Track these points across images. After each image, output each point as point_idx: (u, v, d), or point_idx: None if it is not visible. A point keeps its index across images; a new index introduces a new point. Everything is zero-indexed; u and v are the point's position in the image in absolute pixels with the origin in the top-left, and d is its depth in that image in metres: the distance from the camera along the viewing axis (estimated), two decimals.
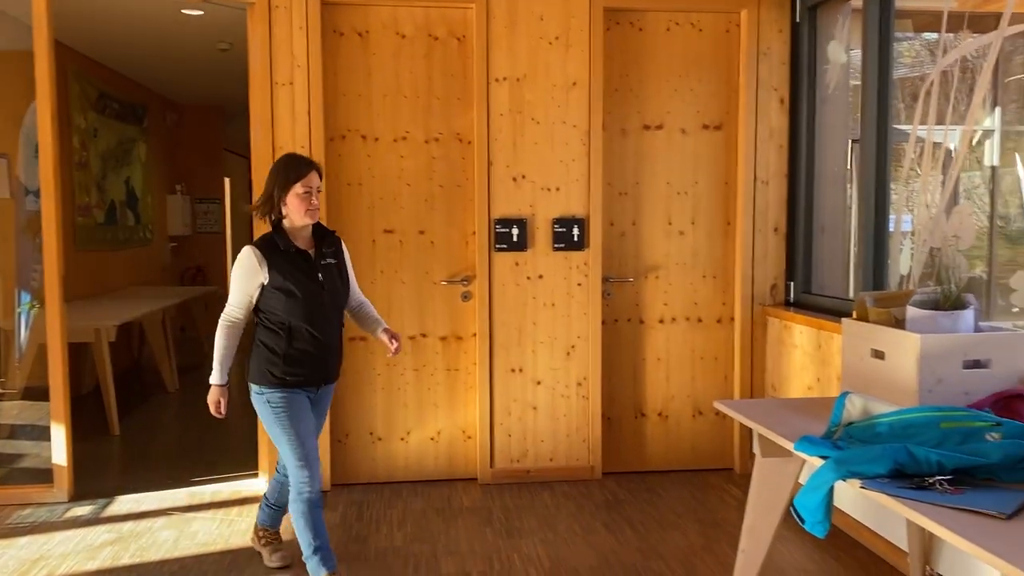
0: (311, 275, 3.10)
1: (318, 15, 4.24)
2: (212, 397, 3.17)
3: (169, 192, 9.61)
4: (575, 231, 4.45)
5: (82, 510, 4.14)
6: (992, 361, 2.64)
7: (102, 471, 4.80)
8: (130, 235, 8.12)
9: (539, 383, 4.50)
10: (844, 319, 3.08)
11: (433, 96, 4.42)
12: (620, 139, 4.55)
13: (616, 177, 4.57)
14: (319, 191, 3.12)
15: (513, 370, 4.48)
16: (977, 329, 2.77)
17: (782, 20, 4.50)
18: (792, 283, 4.56)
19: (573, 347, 4.50)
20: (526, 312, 4.46)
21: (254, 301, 3.11)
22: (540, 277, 4.46)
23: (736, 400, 3.06)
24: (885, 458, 2.10)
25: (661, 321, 4.65)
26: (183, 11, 5.65)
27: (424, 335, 4.49)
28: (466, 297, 4.49)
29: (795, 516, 2.23)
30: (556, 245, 4.44)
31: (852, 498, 3.74)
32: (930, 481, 2.03)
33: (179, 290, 8.10)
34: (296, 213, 3.09)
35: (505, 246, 4.40)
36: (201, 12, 5.67)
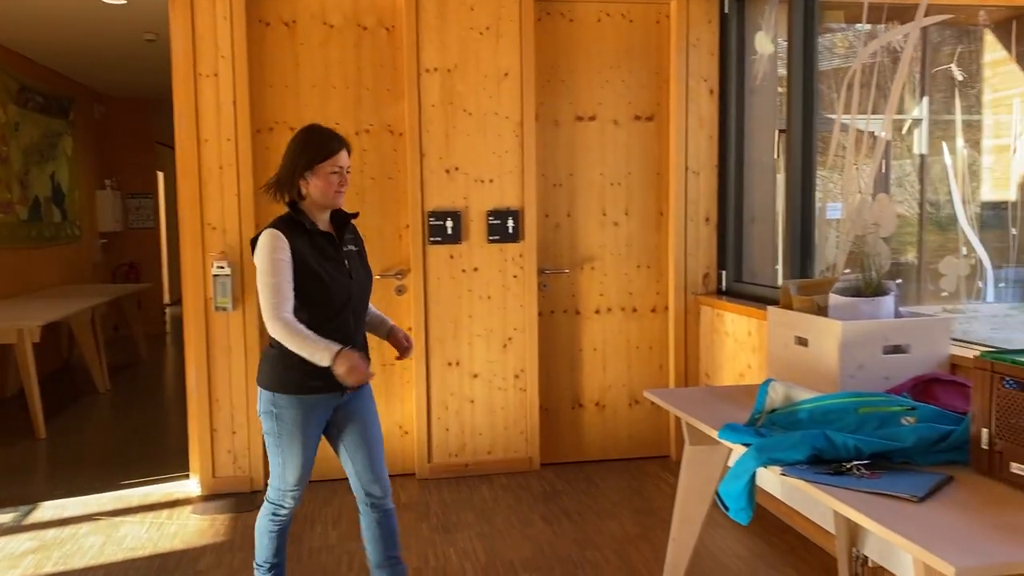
0: (338, 262, 2.69)
1: (243, 5, 4.14)
2: (346, 364, 2.50)
3: (98, 187, 9.34)
4: (510, 223, 4.43)
5: (3, 518, 3.99)
6: (911, 346, 2.70)
7: (25, 476, 4.65)
8: (56, 232, 7.87)
9: (476, 376, 4.48)
10: (769, 307, 3.12)
11: (363, 87, 4.35)
12: (553, 130, 4.54)
13: (550, 168, 4.56)
14: (348, 171, 2.71)
15: (450, 364, 4.44)
16: (897, 315, 2.83)
17: (711, 11, 4.53)
18: (724, 272, 4.61)
19: (510, 339, 4.49)
20: (462, 305, 4.43)
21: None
22: (475, 270, 4.43)
23: (666, 389, 3.08)
24: (804, 444, 2.12)
25: (597, 312, 4.66)
26: (104, 0, 5.48)
27: None
28: (400, 291, 4.45)
29: (719, 504, 2.25)
30: (491, 237, 4.41)
31: (782, 483, 3.80)
32: (847, 466, 2.06)
33: (111, 288, 7.88)
34: (323, 194, 2.63)
35: (439, 239, 4.37)
36: (124, 1, 5.50)
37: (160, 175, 10.49)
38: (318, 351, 2.52)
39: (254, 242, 2.63)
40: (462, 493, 4.24)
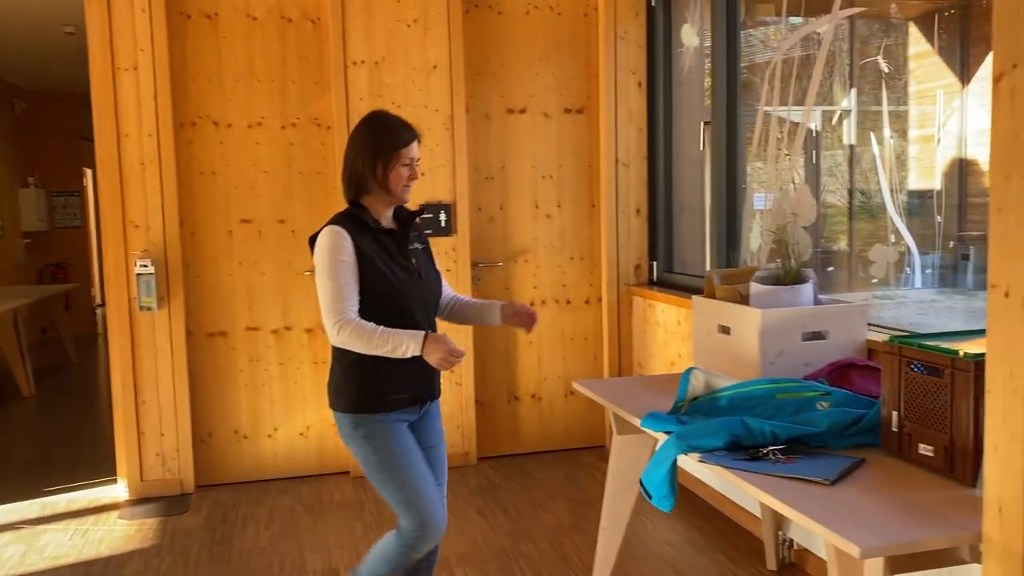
0: (406, 261, 2.46)
1: None
2: (442, 347, 2.29)
3: (21, 185, 9.04)
4: (442, 216, 4.40)
5: None
6: (830, 332, 2.76)
7: None
8: None
9: None
10: (694, 297, 3.16)
11: (288, 80, 4.28)
12: (484, 123, 4.53)
13: (482, 161, 4.54)
14: (418, 164, 2.49)
15: None
16: (816, 302, 2.89)
17: (638, 4, 4.56)
18: (655, 263, 4.66)
19: (443, 334, 4.45)
20: None
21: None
22: None
23: (595, 380, 3.10)
24: (722, 431, 2.15)
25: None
26: None
27: (288, 328, 4.37)
28: None
29: (643, 492, 2.27)
30: (424, 231, 4.37)
31: (711, 469, 3.86)
32: (764, 452, 2.10)
33: (35, 289, 7.64)
34: (394, 187, 2.40)
35: None
36: None
37: (88, 172, 10.19)
38: (402, 342, 2.27)
39: (313, 240, 2.40)
40: None
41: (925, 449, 1.98)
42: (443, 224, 4.40)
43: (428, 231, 4.38)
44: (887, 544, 1.59)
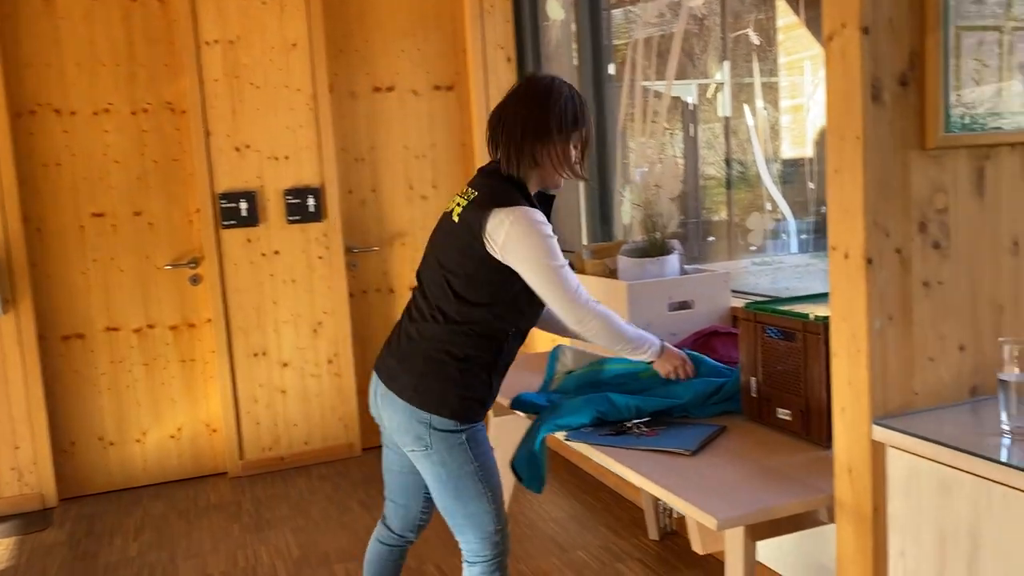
0: None
1: None
2: (676, 359, 2.16)
3: None
4: (311, 201, 4.23)
5: None
6: (695, 301, 2.76)
7: None
8: None
9: (286, 365, 4.28)
10: None
11: (137, 63, 4.02)
12: (350, 102, 4.37)
13: (350, 142, 4.39)
14: None
15: (256, 354, 4.22)
16: (683, 272, 2.89)
17: None
18: None
19: (320, 324, 4.31)
20: (264, 291, 4.21)
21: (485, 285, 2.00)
22: (276, 253, 4.21)
23: None
24: (588, 408, 2.12)
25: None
26: None
27: (152, 326, 4.13)
28: (195, 280, 4.17)
29: (514, 474, 2.21)
30: (291, 217, 4.21)
31: None
32: (628, 425, 2.07)
33: None
34: (556, 173, 2.06)
35: (234, 222, 4.11)
36: None
37: None
38: (645, 343, 2.10)
39: (483, 205, 1.96)
40: (277, 488, 4.06)
41: (783, 413, 1.99)
42: (312, 209, 4.23)
43: (296, 217, 4.21)
44: (744, 514, 1.58)
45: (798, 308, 1.99)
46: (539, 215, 1.97)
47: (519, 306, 2.03)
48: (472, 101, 4.51)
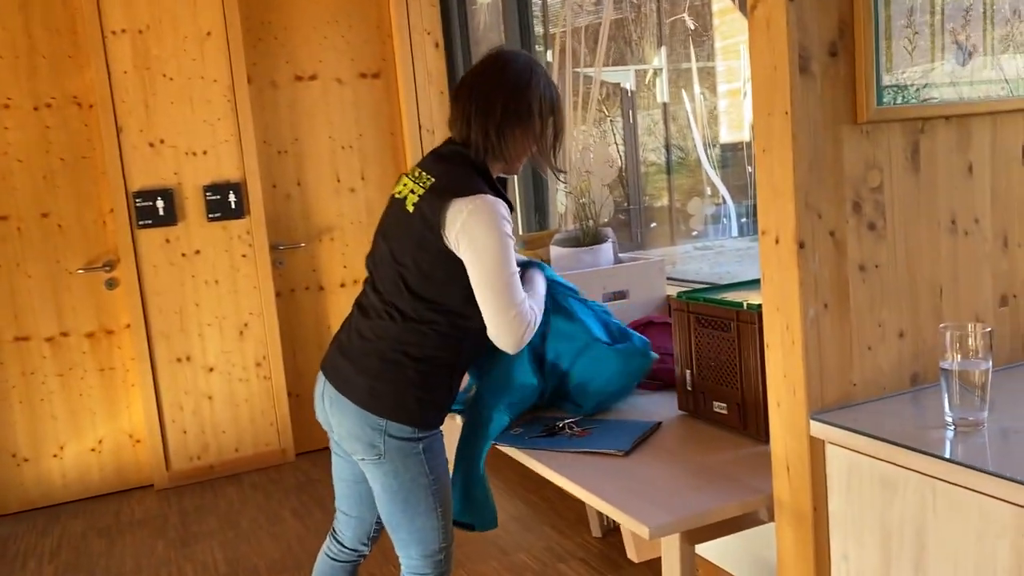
0: None
1: None
2: None
3: None
4: (232, 197, 4.03)
5: None
6: (630, 291, 2.66)
7: None
8: None
9: (212, 370, 4.08)
10: None
11: (38, 55, 3.77)
12: (271, 92, 4.18)
13: (272, 134, 4.20)
14: None
15: (179, 360, 4.01)
16: (618, 261, 2.79)
17: None
18: None
19: (246, 325, 4.12)
20: (186, 293, 4.00)
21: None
22: (197, 252, 4.01)
23: None
24: (500, 406, 2.00)
25: (343, 285, 4.39)
26: None
27: (66, 334, 3.90)
28: (111, 284, 3.94)
29: (459, 527, 2.05)
30: (211, 215, 4.00)
31: None
32: (560, 426, 1.96)
33: None
34: (523, 160, 1.92)
35: (150, 221, 3.90)
36: None
37: None
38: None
39: (442, 194, 1.77)
40: (206, 499, 3.87)
41: (719, 407, 1.89)
42: (233, 206, 4.03)
43: (217, 214, 4.01)
44: (678, 519, 1.47)
45: (733, 296, 1.90)
46: (504, 208, 1.79)
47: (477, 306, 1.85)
48: (400, 89, 4.34)
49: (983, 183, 1.54)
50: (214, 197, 3.99)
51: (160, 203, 3.90)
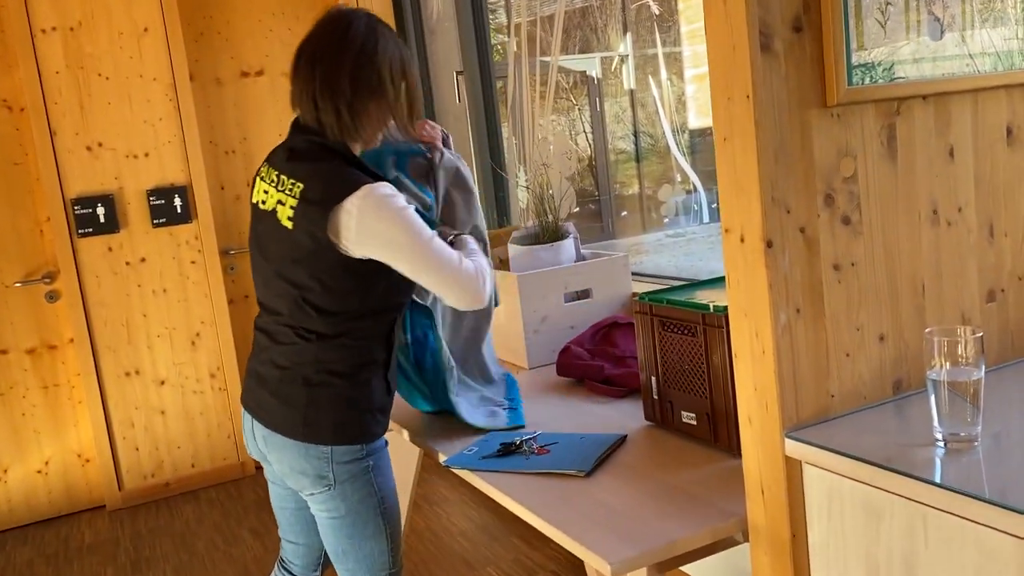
0: None
1: None
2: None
3: None
4: (177, 201, 3.84)
5: None
6: (594, 289, 2.51)
7: None
8: None
9: (163, 383, 3.89)
10: None
11: None
12: (216, 90, 3.98)
13: (219, 134, 4.00)
14: None
15: (128, 373, 3.82)
16: (580, 258, 2.64)
17: None
18: None
19: (198, 335, 3.93)
20: (132, 304, 3.80)
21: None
22: (142, 260, 3.81)
23: None
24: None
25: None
26: None
27: (4, 351, 3.69)
28: (52, 297, 3.74)
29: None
30: (156, 220, 3.80)
31: None
32: (517, 443, 1.81)
33: None
34: (381, 132, 1.75)
35: (91, 229, 3.69)
36: None
37: None
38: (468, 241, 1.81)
39: (321, 222, 1.59)
40: (161, 519, 3.68)
41: (687, 417, 1.75)
42: (179, 210, 3.83)
43: (162, 220, 3.82)
44: (642, 554, 1.33)
45: (701, 295, 1.75)
46: (387, 187, 1.62)
47: (397, 296, 1.73)
48: None
49: (966, 168, 1.40)
50: (158, 202, 3.79)
51: (100, 210, 3.70)
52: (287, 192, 1.65)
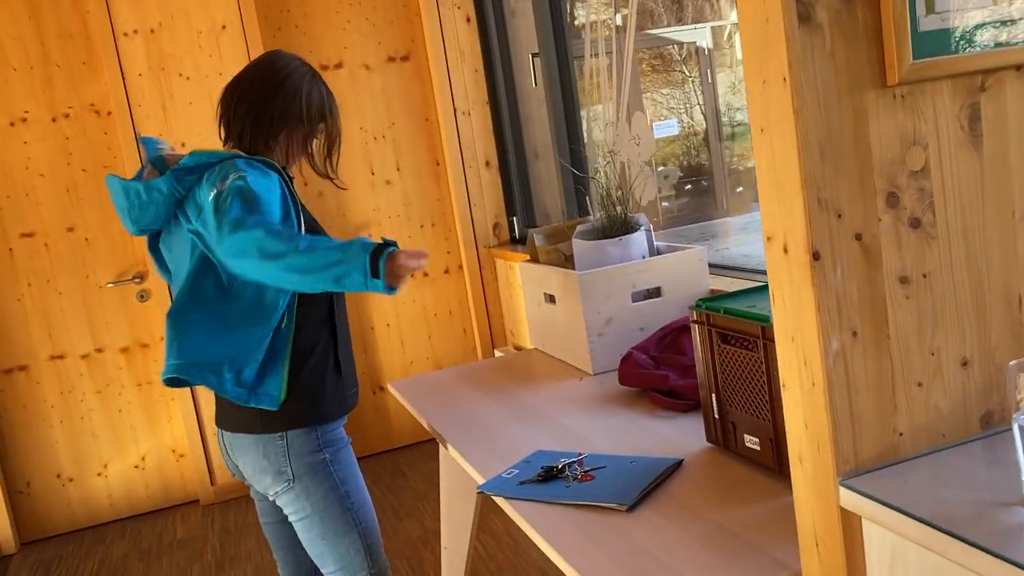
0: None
1: None
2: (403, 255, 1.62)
3: None
4: None
5: None
6: (665, 287, 2.31)
7: None
8: None
9: None
10: (519, 263, 2.69)
11: (52, 64, 3.64)
12: None
13: None
14: None
15: None
16: (655, 252, 2.43)
17: None
18: (514, 219, 4.17)
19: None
20: None
21: None
22: None
23: (412, 378, 2.63)
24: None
25: None
26: None
27: (100, 350, 3.79)
28: (143, 297, 3.82)
29: None
30: None
31: None
32: (560, 467, 1.65)
33: None
34: (294, 162, 1.94)
35: None
36: None
37: None
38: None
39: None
40: (250, 516, 3.71)
41: (751, 441, 1.54)
42: None
43: None
44: None
45: (766, 302, 1.54)
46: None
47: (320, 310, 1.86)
48: (432, 71, 4.05)
49: None
50: None
51: None
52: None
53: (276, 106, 1.83)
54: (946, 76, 1.05)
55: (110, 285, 3.77)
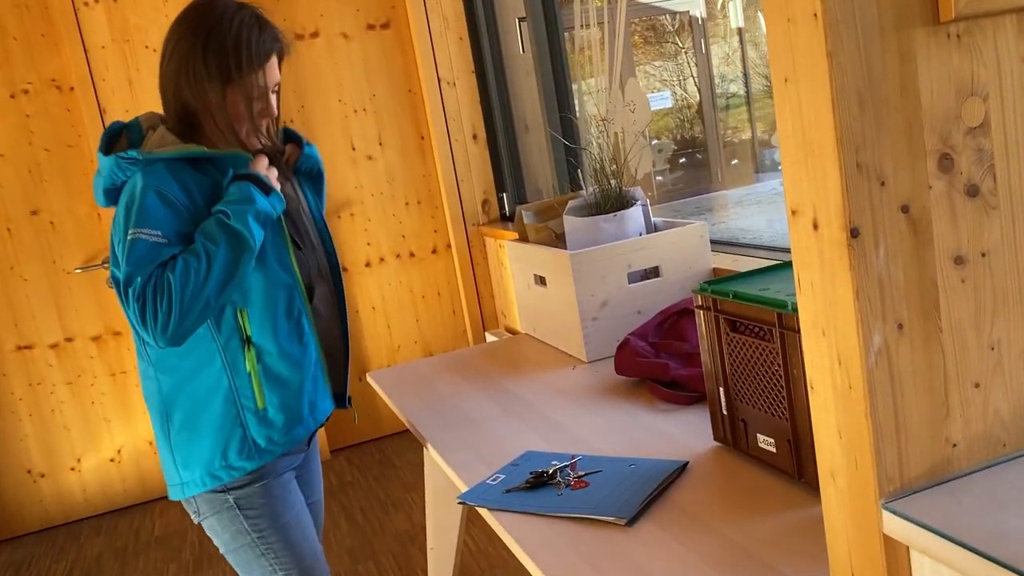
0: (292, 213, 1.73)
1: None
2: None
3: None
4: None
5: None
6: (664, 267, 2.12)
7: None
8: None
9: None
10: (507, 242, 2.50)
11: (8, 36, 3.42)
12: None
13: None
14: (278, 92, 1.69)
15: None
16: (652, 228, 2.25)
17: None
18: (504, 195, 3.97)
19: None
20: None
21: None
22: None
23: (393, 368, 2.46)
24: None
25: (368, 264, 3.97)
26: None
27: (70, 339, 3.61)
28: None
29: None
30: None
31: None
32: (550, 472, 1.47)
33: None
34: (233, 129, 1.61)
35: None
36: None
37: None
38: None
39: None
40: None
41: (765, 442, 1.36)
42: None
43: None
44: None
45: (783, 284, 1.36)
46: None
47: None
48: (414, 39, 3.84)
49: None
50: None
51: None
52: None
53: (194, 64, 1.59)
54: (1011, 9, 0.86)
55: (78, 271, 3.57)
